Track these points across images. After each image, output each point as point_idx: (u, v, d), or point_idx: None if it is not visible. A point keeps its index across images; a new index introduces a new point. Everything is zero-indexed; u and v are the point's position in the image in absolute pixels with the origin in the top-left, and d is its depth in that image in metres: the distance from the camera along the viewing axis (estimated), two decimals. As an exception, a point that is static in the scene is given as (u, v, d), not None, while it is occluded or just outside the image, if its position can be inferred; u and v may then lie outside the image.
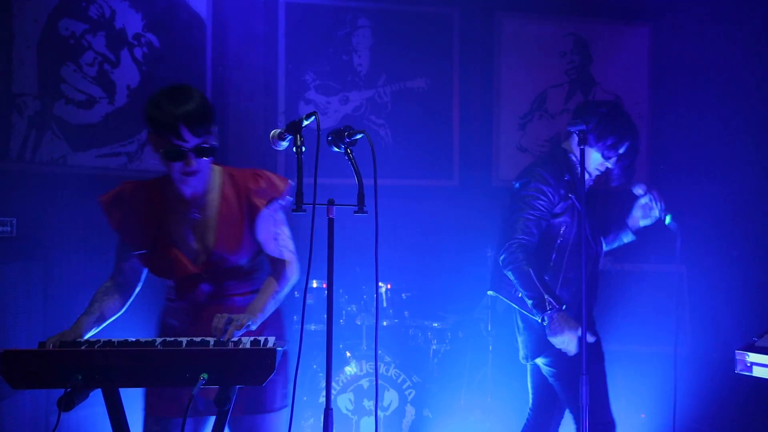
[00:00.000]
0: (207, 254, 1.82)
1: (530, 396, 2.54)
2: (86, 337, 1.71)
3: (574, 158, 2.38)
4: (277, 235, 1.88)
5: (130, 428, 1.64)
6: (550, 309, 2.19)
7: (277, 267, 1.89)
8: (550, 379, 2.41)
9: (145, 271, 1.90)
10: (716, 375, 3.46)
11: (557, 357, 2.31)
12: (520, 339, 2.46)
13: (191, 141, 1.70)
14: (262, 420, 1.85)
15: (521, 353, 2.46)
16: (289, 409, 1.92)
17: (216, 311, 1.80)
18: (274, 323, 1.90)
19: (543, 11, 4.21)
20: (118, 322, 1.87)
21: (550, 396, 2.48)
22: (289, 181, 1.89)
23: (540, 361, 2.39)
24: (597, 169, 2.40)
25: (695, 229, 3.88)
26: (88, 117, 3.35)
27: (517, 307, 2.42)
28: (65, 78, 3.29)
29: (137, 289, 1.90)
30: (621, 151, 2.33)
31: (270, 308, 1.81)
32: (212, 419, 1.83)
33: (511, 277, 2.34)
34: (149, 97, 1.74)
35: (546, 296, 2.21)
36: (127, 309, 1.91)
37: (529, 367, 2.51)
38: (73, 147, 3.31)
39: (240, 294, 1.88)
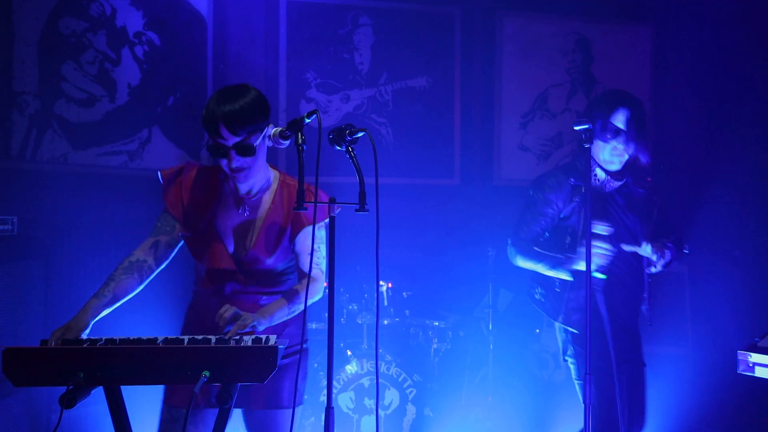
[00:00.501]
0: (243, 252, 1.88)
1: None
2: (96, 319, 1.72)
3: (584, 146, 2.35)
4: (313, 251, 1.91)
5: (133, 423, 1.64)
6: (567, 259, 2.27)
7: (303, 281, 1.93)
8: (574, 381, 2.43)
9: (174, 252, 1.92)
10: (718, 375, 3.45)
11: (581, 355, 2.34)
12: (560, 338, 2.51)
13: (230, 139, 1.76)
14: (281, 415, 1.89)
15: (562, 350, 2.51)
16: (304, 406, 1.95)
17: (241, 307, 1.83)
18: (297, 321, 1.93)
19: (545, 10, 4.21)
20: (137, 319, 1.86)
21: (606, 411, 2.38)
22: (339, 207, 1.89)
23: (569, 352, 2.43)
24: (612, 162, 2.36)
25: (696, 229, 3.88)
26: (89, 115, 3.34)
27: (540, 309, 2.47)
28: (66, 76, 3.28)
29: (160, 268, 1.90)
30: (615, 122, 2.27)
31: (280, 317, 1.83)
32: (238, 411, 1.88)
33: (522, 262, 2.40)
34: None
35: (558, 255, 2.29)
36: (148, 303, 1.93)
37: (577, 385, 2.46)
38: (74, 145, 3.31)
39: (266, 293, 1.92)
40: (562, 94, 4.26)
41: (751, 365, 1.89)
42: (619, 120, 2.29)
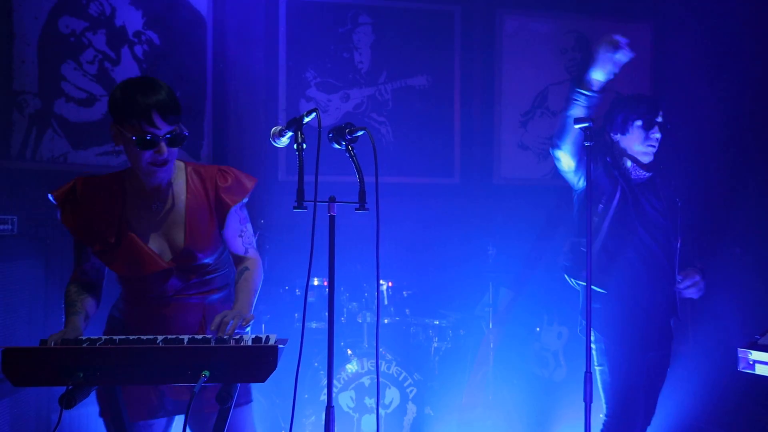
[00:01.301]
0: (176, 250, 1.79)
1: (604, 403, 2.42)
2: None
3: (614, 139, 2.49)
4: (242, 231, 1.89)
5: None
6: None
7: (246, 263, 1.89)
8: (597, 366, 2.40)
9: (106, 269, 1.85)
10: (718, 373, 3.45)
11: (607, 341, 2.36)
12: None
13: (163, 128, 1.69)
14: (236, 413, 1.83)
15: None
16: (252, 405, 1.92)
17: (184, 308, 1.80)
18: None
19: (544, 8, 4.20)
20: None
21: (629, 398, 2.38)
22: (256, 179, 1.89)
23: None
24: (647, 153, 2.44)
25: (697, 226, 3.87)
26: (89, 115, 3.34)
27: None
28: (66, 76, 3.28)
29: (102, 288, 1.87)
30: (638, 122, 2.41)
31: (254, 304, 1.81)
32: (180, 419, 1.82)
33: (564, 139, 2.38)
34: (114, 90, 1.72)
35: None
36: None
37: (598, 372, 2.44)
38: (74, 145, 3.31)
39: (207, 291, 1.86)
40: (562, 92, 4.26)
41: (751, 363, 1.88)
42: (660, 116, 2.45)
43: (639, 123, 2.43)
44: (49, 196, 1.81)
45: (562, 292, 3.71)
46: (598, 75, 2.26)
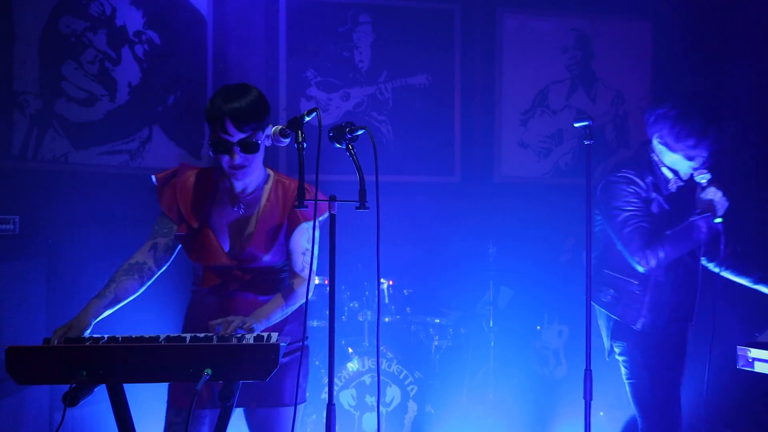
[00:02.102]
0: (240, 250, 1.89)
1: (639, 416, 2.43)
2: (98, 320, 1.73)
3: (655, 158, 2.38)
4: (306, 251, 1.94)
5: (136, 421, 1.65)
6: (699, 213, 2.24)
7: (296, 281, 1.92)
8: (625, 380, 2.43)
9: (174, 254, 1.93)
10: (717, 371, 3.46)
11: (626, 356, 2.38)
12: (602, 335, 2.50)
13: (236, 135, 1.78)
14: (283, 413, 1.90)
15: (606, 346, 2.50)
16: (306, 404, 1.96)
17: (239, 303, 1.87)
18: (298, 318, 1.95)
19: (544, 7, 4.21)
20: (137, 319, 1.87)
21: (667, 410, 2.39)
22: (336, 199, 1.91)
23: (616, 350, 2.43)
24: (684, 171, 2.37)
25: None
26: (90, 115, 3.35)
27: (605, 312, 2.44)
28: (66, 76, 3.29)
29: (161, 270, 1.91)
30: (704, 152, 2.30)
31: (275, 318, 1.83)
32: (240, 411, 1.89)
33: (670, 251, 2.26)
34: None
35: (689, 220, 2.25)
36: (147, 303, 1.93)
37: (629, 385, 2.46)
38: (75, 145, 3.32)
39: (265, 290, 1.93)
40: (562, 90, 4.26)
41: (750, 360, 1.89)
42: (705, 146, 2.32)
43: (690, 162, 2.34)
44: (152, 177, 1.94)
45: (562, 291, 3.72)
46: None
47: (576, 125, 2.15)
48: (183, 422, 1.79)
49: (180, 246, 1.93)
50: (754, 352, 1.87)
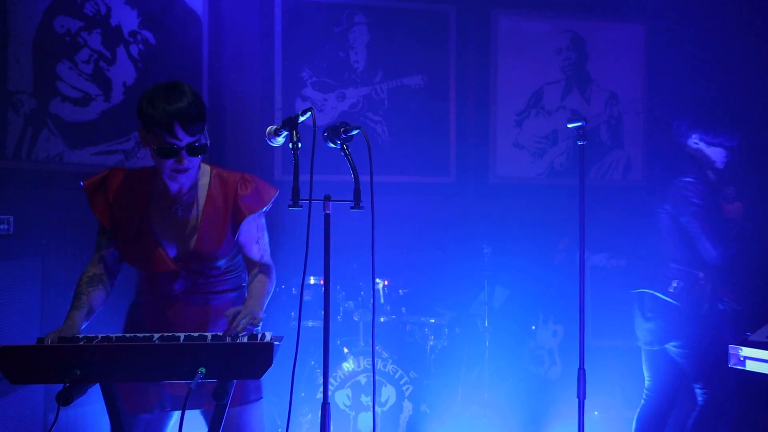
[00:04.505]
0: (186, 252, 1.83)
1: (648, 379, 2.85)
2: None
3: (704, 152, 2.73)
4: (259, 239, 1.92)
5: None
6: None
7: (260, 269, 1.91)
8: (680, 360, 2.72)
9: (119, 262, 1.89)
10: (713, 369, 3.47)
11: (687, 339, 2.63)
12: (646, 327, 2.74)
13: (184, 139, 1.72)
14: (239, 412, 1.87)
15: (646, 339, 2.78)
16: (263, 401, 1.94)
17: (187, 308, 1.84)
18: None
19: (539, 8, 4.23)
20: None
21: (674, 378, 2.78)
22: (276, 190, 1.92)
23: (670, 344, 2.70)
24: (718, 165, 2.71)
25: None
26: (84, 114, 3.34)
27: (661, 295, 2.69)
28: (61, 75, 3.28)
29: (117, 278, 1.89)
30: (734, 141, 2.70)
31: (264, 307, 1.84)
32: (176, 414, 1.85)
33: None
34: (143, 94, 1.75)
35: None
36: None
37: (646, 353, 2.80)
38: (70, 145, 3.31)
39: (214, 292, 1.89)
40: (557, 91, 4.28)
41: (742, 359, 1.91)
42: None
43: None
44: (81, 183, 1.86)
45: (557, 291, 3.74)
46: None
47: (569, 126, 2.17)
48: (129, 427, 1.76)
49: None
50: (746, 351, 1.88)
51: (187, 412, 1.80)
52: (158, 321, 1.84)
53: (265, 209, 1.91)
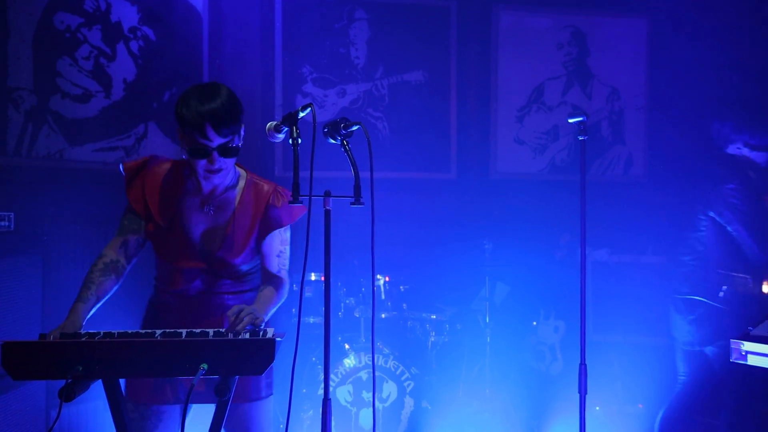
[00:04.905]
0: (209, 253, 1.84)
1: (683, 375, 2.92)
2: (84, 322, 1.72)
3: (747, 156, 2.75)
4: (280, 252, 1.93)
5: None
6: None
7: (273, 281, 1.92)
8: (714, 358, 2.78)
9: (143, 247, 1.89)
10: (711, 364, 3.48)
11: (725, 348, 2.64)
12: (687, 329, 2.80)
13: (215, 140, 1.73)
14: (249, 408, 1.88)
15: (686, 340, 2.82)
16: (273, 397, 1.95)
17: (205, 306, 1.84)
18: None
19: (540, 3, 4.21)
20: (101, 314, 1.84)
21: (708, 378, 2.86)
22: (306, 208, 1.90)
23: (710, 347, 2.76)
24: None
25: (692, 220, 3.88)
26: (85, 111, 3.33)
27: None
28: (61, 72, 3.27)
29: (131, 265, 1.88)
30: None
31: (270, 314, 1.84)
32: (193, 407, 1.84)
33: None
34: (181, 94, 1.76)
35: None
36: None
37: (685, 352, 2.86)
38: (70, 141, 3.31)
39: (231, 293, 1.90)
40: (558, 87, 4.27)
41: (743, 354, 1.91)
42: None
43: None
44: (120, 166, 1.86)
45: (558, 287, 3.74)
46: None
47: (570, 121, 2.17)
48: (140, 417, 1.79)
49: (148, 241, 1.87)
50: (748, 346, 1.88)
51: (200, 406, 1.82)
52: (175, 318, 1.84)
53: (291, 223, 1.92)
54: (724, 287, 2.67)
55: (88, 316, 1.75)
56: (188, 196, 1.85)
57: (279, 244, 1.92)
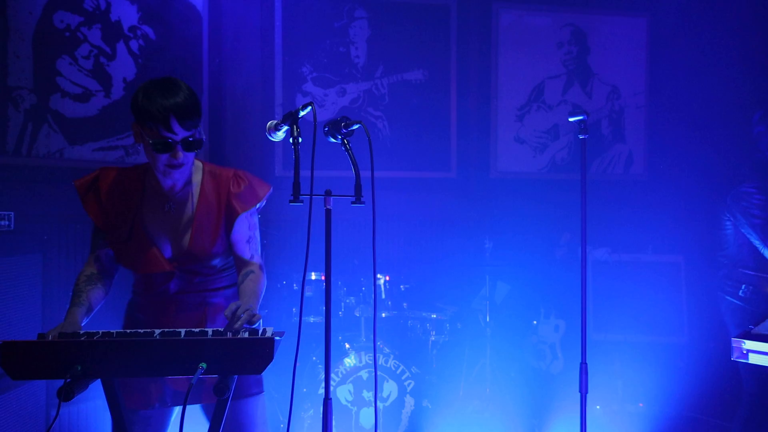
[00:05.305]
0: (181, 251, 1.82)
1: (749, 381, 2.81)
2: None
3: None
4: (250, 238, 1.90)
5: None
6: None
7: (250, 268, 1.88)
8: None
9: (114, 261, 1.87)
10: (713, 363, 3.48)
11: None
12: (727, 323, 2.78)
13: (180, 134, 1.70)
14: (240, 405, 1.87)
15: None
16: (264, 395, 1.94)
17: (185, 306, 1.83)
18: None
19: (540, 2, 4.21)
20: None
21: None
22: (270, 187, 1.89)
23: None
24: None
25: (693, 219, 3.89)
26: (85, 110, 3.33)
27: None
28: (61, 71, 3.27)
29: (115, 277, 1.88)
30: None
31: (258, 306, 1.83)
32: (177, 410, 1.84)
33: None
34: (138, 88, 1.74)
35: None
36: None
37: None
38: (70, 140, 3.30)
39: (210, 290, 1.89)
40: (558, 86, 4.26)
41: (745, 352, 1.90)
42: None
43: None
44: (74, 183, 1.83)
45: (558, 285, 3.73)
46: None
47: (571, 119, 2.16)
48: (129, 423, 1.75)
49: None
50: (749, 344, 1.88)
51: (188, 408, 1.81)
52: (157, 320, 1.84)
53: (258, 206, 1.89)
54: (743, 286, 2.70)
55: (84, 322, 1.74)
56: (147, 198, 1.82)
57: (247, 230, 1.88)
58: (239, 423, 1.87)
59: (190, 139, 1.72)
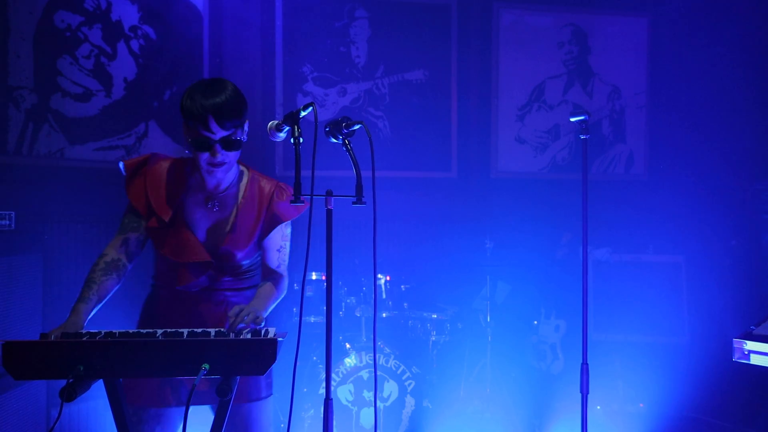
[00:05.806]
0: (215, 249, 1.85)
1: None
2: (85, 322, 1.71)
3: None
4: (281, 248, 1.95)
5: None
6: None
7: (273, 276, 1.94)
8: None
9: (143, 246, 1.88)
10: (714, 363, 3.48)
11: None
12: None
13: (218, 133, 1.74)
14: (249, 408, 1.88)
15: None
16: (274, 397, 1.95)
17: (207, 303, 1.84)
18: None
19: (541, 1, 4.21)
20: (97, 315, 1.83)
21: None
22: (307, 204, 1.91)
23: None
24: None
25: (693, 219, 3.89)
26: (85, 110, 3.33)
27: None
28: (62, 71, 3.27)
29: (132, 264, 1.88)
30: None
31: (269, 309, 1.84)
32: (199, 410, 1.84)
33: None
34: (187, 88, 1.78)
35: None
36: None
37: None
38: (71, 140, 3.30)
39: (232, 290, 1.91)
40: (558, 86, 4.26)
41: (746, 353, 1.90)
42: None
43: None
44: (120, 164, 1.86)
45: (559, 285, 3.73)
46: None
47: (572, 119, 2.16)
48: (138, 420, 1.78)
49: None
50: (750, 345, 1.88)
51: (201, 408, 1.82)
52: (179, 315, 1.84)
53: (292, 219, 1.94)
54: None
55: (90, 317, 1.74)
56: (191, 192, 1.86)
57: (280, 240, 1.94)
58: (246, 426, 1.88)
59: (230, 138, 1.76)
